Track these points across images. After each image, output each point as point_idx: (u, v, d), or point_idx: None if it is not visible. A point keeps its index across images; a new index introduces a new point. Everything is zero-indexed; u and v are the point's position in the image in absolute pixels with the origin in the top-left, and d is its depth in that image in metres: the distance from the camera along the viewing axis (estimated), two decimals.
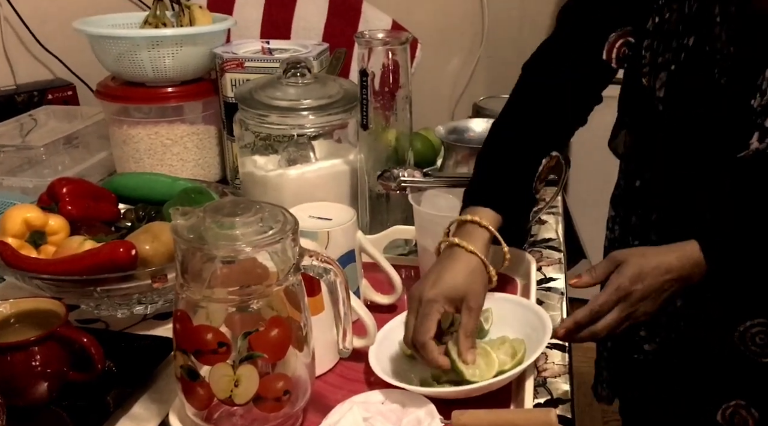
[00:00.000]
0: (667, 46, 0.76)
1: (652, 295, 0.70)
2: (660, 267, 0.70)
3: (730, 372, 0.84)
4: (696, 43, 0.74)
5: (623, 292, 0.69)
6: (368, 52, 0.88)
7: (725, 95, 0.73)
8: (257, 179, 0.94)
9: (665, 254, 0.71)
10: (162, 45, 1.02)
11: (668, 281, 0.70)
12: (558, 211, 1.07)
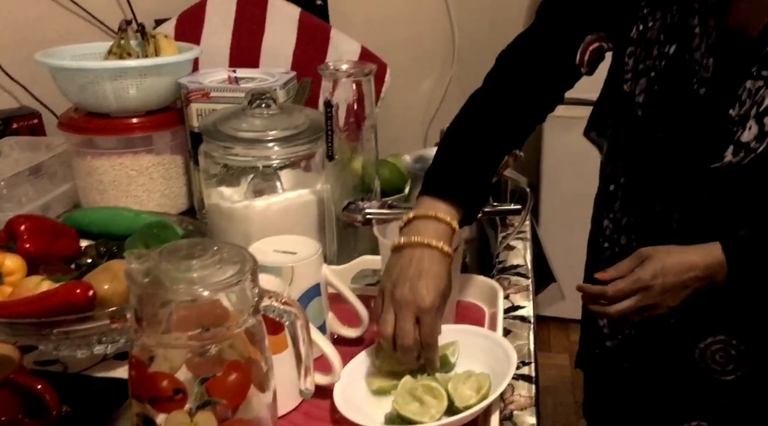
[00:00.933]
0: (648, 54, 0.78)
1: (673, 290, 0.73)
2: (682, 264, 0.73)
3: (692, 391, 0.84)
4: (676, 52, 0.76)
5: (641, 284, 0.74)
6: (333, 83, 0.87)
7: (703, 104, 0.75)
8: (223, 211, 0.93)
9: (689, 253, 0.74)
10: (126, 76, 1.01)
11: (691, 279, 0.73)
12: (526, 236, 1.07)
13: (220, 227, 0.94)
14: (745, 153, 0.72)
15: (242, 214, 0.92)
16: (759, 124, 0.71)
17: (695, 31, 0.75)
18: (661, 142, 0.79)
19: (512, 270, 0.98)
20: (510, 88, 0.81)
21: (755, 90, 0.72)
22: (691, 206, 0.79)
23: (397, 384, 0.69)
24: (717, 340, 0.81)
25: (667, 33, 0.77)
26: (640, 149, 0.82)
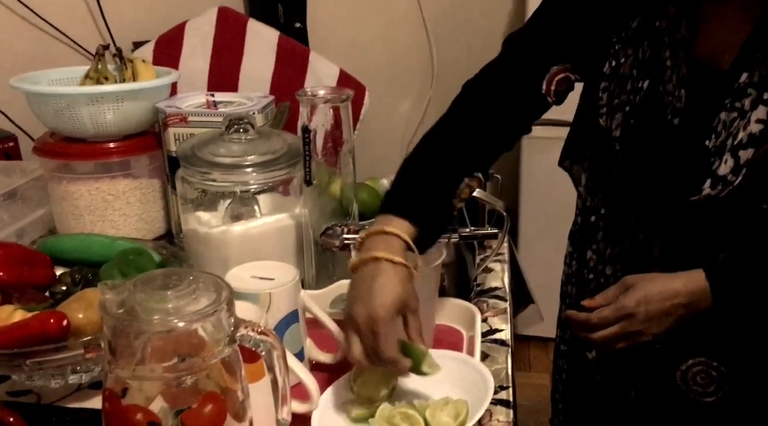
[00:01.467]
0: (622, 89, 0.80)
1: (657, 317, 0.74)
2: (666, 291, 0.74)
3: (673, 414, 0.85)
4: (650, 87, 0.78)
5: (624, 312, 0.75)
6: (311, 109, 0.88)
7: (678, 137, 0.77)
8: (200, 237, 0.92)
9: (673, 280, 0.75)
10: (102, 101, 1.01)
11: (674, 306, 0.74)
12: (504, 258, 1.08)
13: (198, 252, 0.93)
14: (722, 186, 0.73)
15: (220, 240, 0.91)
16: (734, 158, 0.72)
17: (666, 64, 0.76)
18: (639, 175, 0.80)
19: (490, 293, 0.98)
20: (474, 116, 0.82)
21: (729, 121, 0.73)
22: (672, 236, 0.80)
23: (375, 411, 0.68)
24: (698, 362, 0.82)
25: (639, 68, 0.78)
26: (619, 181, 0.84)
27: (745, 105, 0.72)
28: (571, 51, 0.81)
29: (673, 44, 0.76)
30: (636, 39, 0.78)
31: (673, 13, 0.76)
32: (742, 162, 0.71)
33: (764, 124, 0.70)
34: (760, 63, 0.71)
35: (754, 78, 0.71)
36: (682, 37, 0.76)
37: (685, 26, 0.76)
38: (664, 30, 0.76)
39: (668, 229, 0.80)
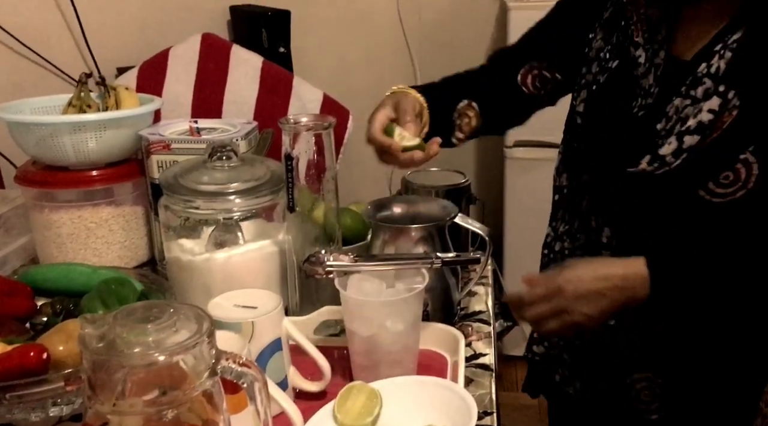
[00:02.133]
0: (589, 68, 0.86)
1: (587, 296, 0.75)
2: (599, 272, 0.76)
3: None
4: (619, 71, 0.82)
5: (553, 289, 0.77)
6: (293, 136, 0.89)
7: (636, 119, 0.80)
8: (183, 264, 0.92)
9: (610, 264, 0.77)
10: (85, 129, 1.01)
11: (607, 288, 0.75)
12: (488, 281, 1.09)
13: (181, 280, 0.93)
14: (659, 165, 0.75)
15: (203, 267, 0.91)
16: (679, 142, 0.75)
17: (639, 60, 0.80)
18: (593, 150, 0.84)
19: (474, 316, 0.99)
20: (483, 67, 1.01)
21: (682, 107, 0.76)
22: (617, 217, 0.82)
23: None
24: (643, 378, 0.84)
25: (611, 51, 0.84)
26: (578, 157, 0.87)
27: (698, 93, 0.74)
28: (546, 52, 0.93)
29: (653, 44, 0.79)
30: (608, 25, 0.85)
31: (656, 16, 0.80)
32: (685, 146, 0.74)
33: (715, 115, 0.73)
34: (719, 55, 0.74)
35: (711, 69, 0.74)
36: (662, 38, 0.79)
37: (665, 28, 0.79)
38: (640, 30, 0.80)
39: (613, 208, 0.81)
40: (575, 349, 0.92)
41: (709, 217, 0.75)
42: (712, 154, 0.74)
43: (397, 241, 0.92)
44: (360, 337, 0.80)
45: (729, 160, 0.73)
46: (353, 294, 0.80)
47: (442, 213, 0.95)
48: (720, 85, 0.73)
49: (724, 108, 0.72)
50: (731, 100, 0.72)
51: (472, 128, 0.93)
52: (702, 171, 0.74)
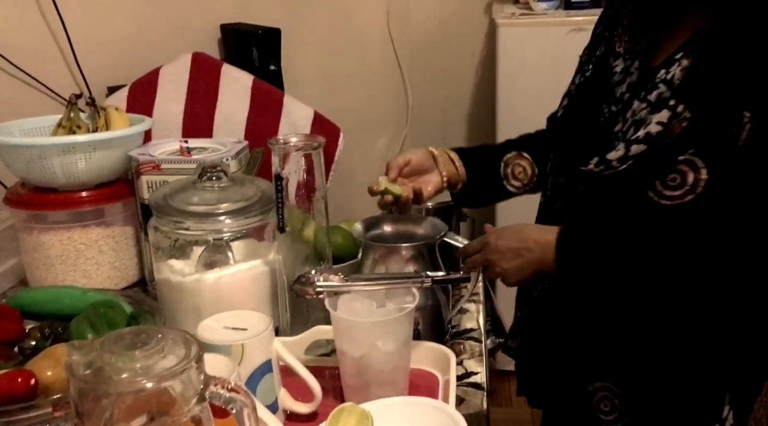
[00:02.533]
0: (573, 80, 0.92)
1: (506, 252, 0.84)
2: (519, 233, 0.85)
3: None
4: (594, 75, 0.88)
5: (484, 241, 0.87)
6: (283, 156, 0.89)
7: (600, 123, 0.84)
8: (173, 286, 0.92)
9: (531, 228, 0.86)
10: (74, 151, 1.01)
11: (522, 249, 0.83)
12: (479, 298, 1.09)
13: (171, 301, 0.93)
14: (605, 167, 0.80)
15: (193, 288, 0.91)
16: (626, 149, 0.78)
17: (615, 69, 0.84)
18: (565, 154, 0.90)
19: (465, 334, 0.99)
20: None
21: (638, 111, 0.79)
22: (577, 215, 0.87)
23: None
24: (603, 387, 0.87)
25: (593, 62, 0.89)
26: (556, 161, 0.94)
27: (652, 97, 0.78)
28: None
29: (632, 55, 0.83)
30: (596, 39, 0.91)
31: (640, 29, 0.83)
32: (631, 154, 0.78)
33: (663, 126, 0.75)
34: (678, 64, 0.77)
35: (667, 76, 0.77)
36: (641, 49, 0.83)
37: (646, 40, 0.83)
38: (622, 41, 0.85)
39: (579, 208, 0.87)
40: (542, 353, 0.95)
41: (660, 219, 0.78)
42: (658, 157, 0.77)
43: (387, 260, 0.92)
44: (351, 357, 0.80)
45: (674, 161, 0.76)
46: (344, 314, 0.80)
47: (432, 231, 0.96)
48: (671, 99, 0.76)
49: (674, 120, 0.75)
50: (681, 113, 0.75)
51: (529, 176, 1.01)
52: (648, 172, 0.77)
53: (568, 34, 1.78)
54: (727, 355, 0.83)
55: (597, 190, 0.83)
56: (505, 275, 0.85)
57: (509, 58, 1.88)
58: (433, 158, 0.97)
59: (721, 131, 0.73)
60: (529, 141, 1.03)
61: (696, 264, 0.78)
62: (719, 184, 0.74)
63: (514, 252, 0.83)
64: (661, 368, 0.84)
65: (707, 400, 0.84)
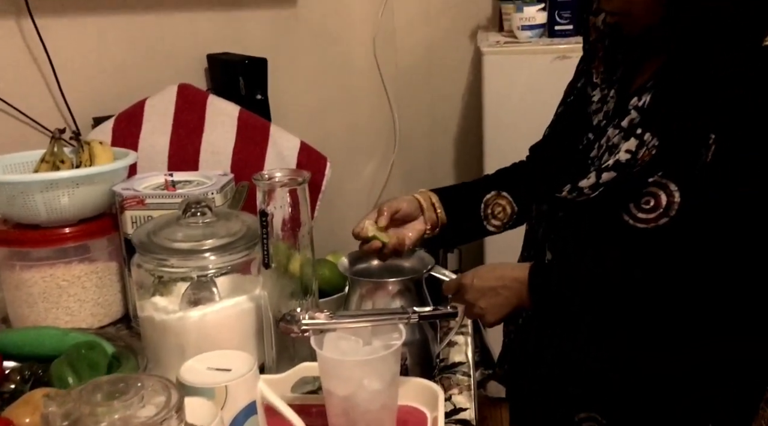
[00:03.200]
0: (556, 111, 0.95)
1: (483, 292, 0.84)
2: (495, 272, 0.85)
3: None
4: (573, 105, 0.91)
5: (460, 282, 0.86)
6: (268, 192, 0.88)
7: (578, 151, 0.87)
8: (156, 324, 0.90)
9: (506, 267, 0.86)
10: (57, 187, 1.00)
11: (500, 287, 0.84)
12: (468, 330, 1.08)
13: (154, 340, 0.91)
14: (577, 194, 0.82)
15: (177, 326, 0.90)
16: (597, 177, 0.81)
17: (593, 98, 0.87)
18: (545, 182, 0.91)
19: (454, 368, 0.98)
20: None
21: (612, 137, 0.82)
22: (557, 239, 0.89)
23: None
24: (588, 417, 0.88)
25: (574, 93, 0.92)
26: (538, 189, 0.96)
27: (624, 123, 0.81)
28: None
29: (609, 84, 0.86)
30: (579, 74, 0.94)
31: (619, 59, 0.86)
32: (602, 181, 0.80)
33: (632, 154, 0.78)
34: (648, 91, 0.80)
35: (639, 102, 0.80)
36: (617, 78, 0.86)
37: (622, 69, 0.86)
38: (599, 71, 0.87)
39: (557, 234, 0.88)
40: (528, 381, 0.96)
41: (636, 242, 0.79)
42: (629, 183, 0.79)
43: (374, 295, 0.91)
44: (337, 396, 0.78)
45: (645, 184, 0.78)
46: (330, 353, 0.79)
47: (419, 265, 0.95)
48: (638, 128, 0.78)
49: (641, 147, 0.77)
50: (649, 141, 0.77)
51: (508, 215, 1.01)
52: (620, 197, 0.79)
53: (553, 61, 1.80)
54: (708, 376, 0.84)
55: (574, 217, 0.85)
56: (484, 314, 0.85)
57: (495, 86, 1.89)
58: (420, 206, 0.97)
59: (689, 154, 0.75)
60: (508, 178, 1.03)
61: (670, 284, 0.79)
62: (692, 204, 0.76)
63: (492, 291, 0.84)
64: (640, 393, 0.85)
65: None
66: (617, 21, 0.82)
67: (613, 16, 0.82)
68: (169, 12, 1.70)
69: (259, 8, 1.88)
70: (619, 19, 0.81)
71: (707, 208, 0.76)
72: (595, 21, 0.90)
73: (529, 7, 1.92)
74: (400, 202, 0.95)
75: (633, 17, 0.79)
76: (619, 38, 0.86)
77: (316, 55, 2.05)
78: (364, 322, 0.82)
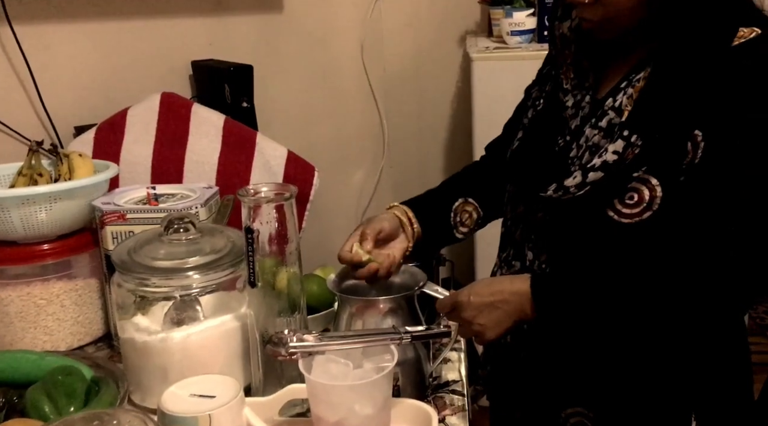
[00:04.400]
0: (527, 114, 0.94)
1: (482, 308, 0.82)
2: (491, 287, 0.83)
3: None
4: (547, 109, 0.91)
5: (455, 300, 0.84)
6: (253, 209, 0.85)
7: (555, 152, 0.87)
8: (138, 346, 0.87)
9: (502, 280, 0.85)
10: (34, 202, 0.96)
11: (498, 301, 0.82)
12: (461, 346, 1.05)
13: (136, 363, 0.88)
14: (563, 193, 0.82)
15: (159, 348, 0.86)
16: (583, 177, 0.80)
17: (567, 103, 0.87)
18: (522, 183, 0.92)
19: (447, 387, 0.95)
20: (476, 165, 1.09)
21: (591, 136, 0.83)
22: (544, 247, 0.88)
23: None
24: (576, 412, 0.87)
25: (544, 98, 0.92)
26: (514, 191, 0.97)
27: (603, 123, 0.82)
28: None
29: (581, 90, 0.86)
30: (544, 78, 0.94)
31: (585, 65, 0.87)
32: (588, 181, 0.80)
33: (619, 156, 0.79)
34: (623, 92, 0.81)
35: (615, 103, 0.82)
36: (589, 85, 0.86)
37: (593, 76, 0.86)
38: (568, 77, 0.87)
39: (539, 235, 0.88)
40: (514, 379, 0.95)
41: (621, 238, 0.80)
42: (614, 180, 0.79)
43: (364, 314, 0.88)
44: (327, 422, 0.75)
45: (629, 179, 0.79)
46: (319, 377, 0.76)
47: (411, 281, 0.92)
48: (625, 130, 0.79)
49: (628, 148, 0.78)
50: (634, 142, 0.78)
51: (474, 220, 1.02)
52: (605, 193, 0.80)
53: None
54: (691, 369, 0.85)
55: (557, 215, 0.85)
56: (483, 331, 0.82)
57: (484, 91, 1.87)
58: (401, 224, 0.95)
59: (673, 150, 0.77)
60: (473, 183, 1.04)
61: (657, 280, 0.79)
62: (674, 200, 0.77)
63: (490, 306, 0.81)
64: (629, 386, 0.85)
65: (675, 417, 0.86)
66: (593, 27, 0.82)
67: (591, 23, 0.82)
68: (153, 18, 1.66)
69: (245, 14, 1.85)
70: (597, 25, 0.81)
71: (696, 205, 0.77)
72: (560, 27, 0.90)
73: (518, 12, 1.90)
74: (381, 222, 0.93)
75: (614, 22, 0.80)
76: (586, 44, 0.87)
77: (303, 62, 2.01)
78: (354, 344, 0.79)
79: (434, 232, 0.99)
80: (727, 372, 0.88)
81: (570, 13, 0.88)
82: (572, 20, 0.88)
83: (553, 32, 0.91)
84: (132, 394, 0.88)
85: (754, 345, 0.91)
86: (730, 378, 0.89)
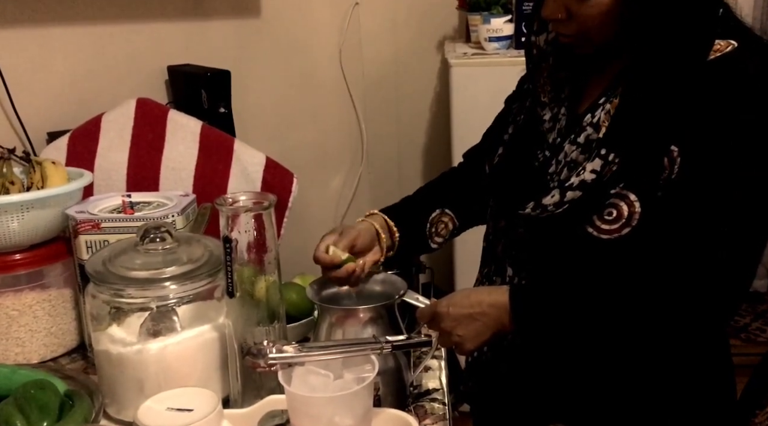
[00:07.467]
0: (507, 130, 0.95)
1: (461, 319, 0.81)
2: (470, 298, 0.82)
3: None
4: (526, 124, 0.91)
5: (433, 311, 0.84)
6: (231, 218, 0.84)
7: (534, 167, 0.87)
8: (113, 358, 0.85)
9: (481, 291, 0.85)
10: (5, 211, 0.94)
11: (477, 313, 0.81)
12: (441, 354, 1.05)
13: (111, 375, 0.86)
14: (541, 211, 0.83)
15: (135, 360, 0.85)
16: (561, 195, 0.81)
17: (545, 117, 0.87)
18: (502, 199, 0.93)
19: (428, 396, 0.95)
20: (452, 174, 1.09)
21: (570, 153, 0.83)
22: (523, 263, 0.88)
23: None
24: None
25: (523, 112, 0.92)
26: (494, 206, 0.97)
27: (581, 139, 0.82)
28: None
29: (557, 103, 0.87)
30: (524, 94, 0.94)
31: (562, 78, 0.87)
32: (566, 199, 0.81)
33: (597, 174, 0.79)
34: (602, 108, 0.81)
35: (593, 119, 0.82)
36: (565, 97, 0.87)
37: (569, 88, 0.87)
38: (546, 91, 0.88)
39: (518, 250, 0.88)
40: (496, 394, 0.95)
41: (601, 254, 0.80)
42: (592, 197, 0.80)
43: (344, 324, 0.87)
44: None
45: (607, 195, 0.79)
46: (299, 388, 0.75)
47: (391, 289, 0.92)
48: (603, 148, 0.79)
49: (606, 167, 0.79)
50: (612, 160, 0.78)
51: (449, 230, 1.02)
52: (584, 211, 0.80)
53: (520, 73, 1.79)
54: (672, 382, 0.85)
55: (536, 232, 0.85)
56: (462, 342, 0.82)
57: (462, 96, 1.87)
58: (377, 236, 0.95)
59: (650, 166, 0.77)
60: (450, 193, 1.03)
61: (636, 294, 0.79)
62: (652, 215, 0.77)
63: (469, 318, 0.81)
64: (610, 401, 0.85)
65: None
66: (571, 42, 0.82)
67: (567, 37, 0.81)
68: (128, 22, 1.64)
69: (222, 19, 1.83)
70: (574, 41, 0.81)
71: (674, 219, 0.77)
72: (536, 40, 0.89)
73: (496, 18, 1.91)
74: (357, 232, 0.92)
75: (590, 37, 0.80)
76: (563, 57, 0.87)
77: (281, 67, 2.00)
78: (334, 354, 0.78)
79: (409, 241, 0.98)
80: (709, 384, 0.88)
81: (547, 26, 0.88)
82: (548, 33, 0.88)
83: (530, 46, 0.91)
84: (107, 407, 0.87)
85: (731, 347, 0.91)
86: (713, 390, 0.88)
